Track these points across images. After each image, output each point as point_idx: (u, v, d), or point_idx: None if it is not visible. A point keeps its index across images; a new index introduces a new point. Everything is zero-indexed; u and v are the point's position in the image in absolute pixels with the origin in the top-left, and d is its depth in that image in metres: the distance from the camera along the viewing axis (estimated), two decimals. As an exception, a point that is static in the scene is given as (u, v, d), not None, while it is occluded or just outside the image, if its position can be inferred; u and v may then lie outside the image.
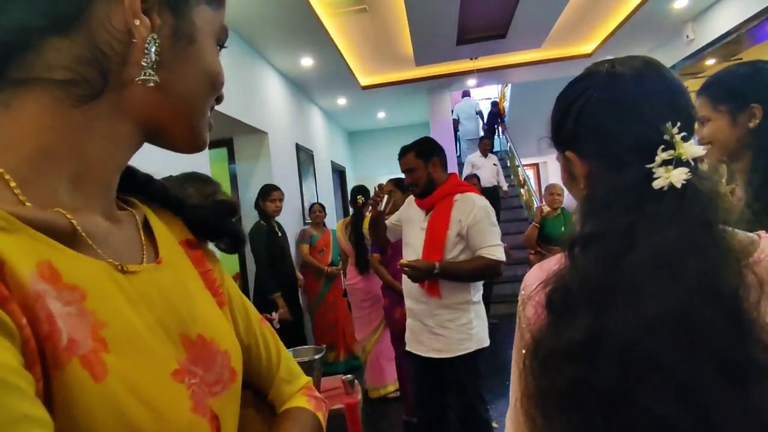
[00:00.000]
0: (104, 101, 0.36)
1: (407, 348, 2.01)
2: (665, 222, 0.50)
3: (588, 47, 5.31)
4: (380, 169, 7.86)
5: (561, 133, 0.65)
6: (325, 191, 5.80)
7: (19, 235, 0.29)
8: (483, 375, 1.97)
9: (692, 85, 5.75)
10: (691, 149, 0.53)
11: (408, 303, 2.02)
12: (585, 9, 4.24)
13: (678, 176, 0.51)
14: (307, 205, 4.80)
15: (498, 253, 1.86)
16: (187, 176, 1.61)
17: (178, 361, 0.37)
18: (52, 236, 0.32)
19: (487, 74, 5.69)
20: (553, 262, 0.59)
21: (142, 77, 0.36)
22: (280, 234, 3.40)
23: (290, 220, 4.34)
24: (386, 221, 2.25)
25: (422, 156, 1.99)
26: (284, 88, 4.67)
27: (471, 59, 5.15)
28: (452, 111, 7.18)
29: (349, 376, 2.02)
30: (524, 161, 9.13)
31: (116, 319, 0.33)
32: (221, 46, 0.44)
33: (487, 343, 1.95)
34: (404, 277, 1.97)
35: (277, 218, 3.43)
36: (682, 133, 0.53)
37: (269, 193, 3.32)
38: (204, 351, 0.40)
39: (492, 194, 5.69)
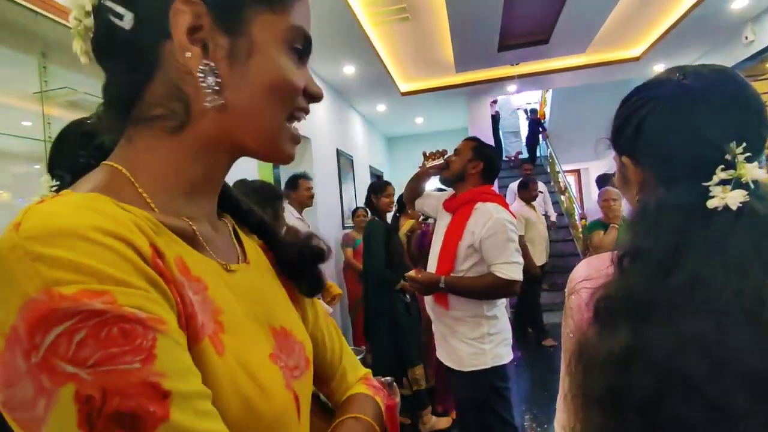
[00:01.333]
0: (192, 128, 0.40)
1: (437, 353, 1.95)
2: (713, 245, 0.50)
3: (636, 51, 5.14)
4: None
5: (620, 138, 0.65)
6: (363, 196, 5.89)
7: (163, 236, 0.36)
8: (505, 396, 1.79)
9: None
10: (753, 171, 0.51)
11: (429, 306, 1.96)
12: (633, 11, 4.11)
13: (734, 198, 0.50)
14: (346, 210, 4.90)
15: (510, 272, 1.70)
16: (256, 190, 1.75)
17: (272, 346, 0.43)
18: (181, 238, 0.39)
19: (528, 80, 5.61)
20: (600, 261, 0.61)
21: (207, 102, 0.39)
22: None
23: (330, 224, 4.45)
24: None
25: (475, 151, 1.88)
26: (327, 95, 4.80)
27: (512, 65, 5.10)
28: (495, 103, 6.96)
29: (388, 378, 2.05)
30: (565, 167, 8.90)
31: (228, 308, 0.39)
32: (299, 48, 0.43)
33: (506, 360, 1.80)
34: None
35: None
36: (747, 154, 0.51)
37: (383, 188, 3.22)
38: (286, 340, 0.46)
39: None
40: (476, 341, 1.77)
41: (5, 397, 0.27)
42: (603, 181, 5.64)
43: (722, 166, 0.52)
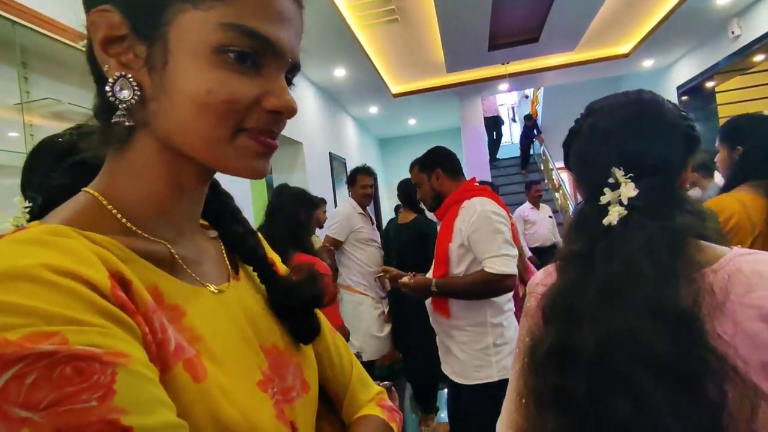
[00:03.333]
0: (135, 147, 0.38)
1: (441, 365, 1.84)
2: (612, 254, 0.58)
3: (625, 47, 5.17)
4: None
5: (565, 160, 0.76)
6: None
7: (134, 264, 0.34)
8: None
9: (740, 82, 5.44)
10: (628, 190, 0.59)
11: (431, 320, 1.83)
12: (621, 9, 4.13)
13: (614, 214, 0.59)
14: (340, 213, 4.87)
15: (498, 265, 1.56)
16: (294, 195, 1.91)
17: (262, 370, 0.40)
18: (156, 264, 0.36)
19: (519, 79, 5.63)
20: (554, 266, 0.68)
21: (114, 118, 0.35)
22: None
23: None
24: None
25: (425, 169, 1.84)
26: (318, 98, 4.78)
27: (503, 64, 5.11)
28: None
29: (386, 383, 2.01)
30: (558, 164, 8.93)
31: (211, 334, 0.37)
32: (244, 51, 0.35)
33: (503, 375, 1.65)
34: None
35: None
36: (629, 174, 0.60)
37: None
38: (278, 360, 0.43)
39: (549, 255, 4.49)
40: (481, 352, 1.64)
41: None
42: None
43: (607, 188, 0.61)
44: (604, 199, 0.60)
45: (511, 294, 1.72)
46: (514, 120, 10.70)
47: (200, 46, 0.34)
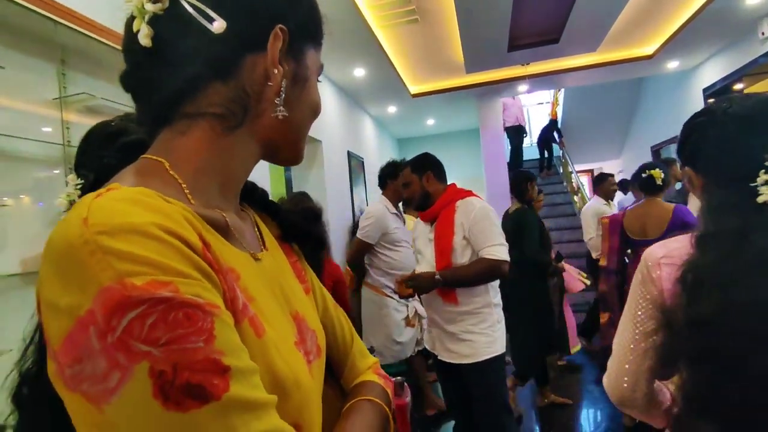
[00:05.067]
0: (243, 130, 0.45)
1: (439, 357, 2.02)
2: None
3: (649, 48, 5.08)
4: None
5: (682, 153, 0.86)
6: (375, 198, 5.92)
7: (206, 231, 0.39)
8: (506, 384, 1.99)
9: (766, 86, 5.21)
10: None
11: (429, 313, 2.04)
12: (645, 8, 4.07)
13: None
14: (357, 212, 4.92)
15: (499, 253, 1.84)
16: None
17: (294, 333, 0.46)
18: (215, 229, 0.42)
19: (539, 80, 5.59)
20: (676, 243, 0.79)
21: (275, 112, 0.45)
22: None
23: (341, 227, 4.48)
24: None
25: (416, 170, 2.07)
26: (337, 97, 4.85)
27: (522, 65, 5.08)
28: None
29: (399, 378, 2.07)
30: (578, 167, 8.82)
31: (259, 296, 0.42)
32: (318, 80, 0.53)
33: (504, 348, 1.96)
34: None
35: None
36: None
37: (534, 179, 3.29)
38: (301, 325, 0.49)
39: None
40: (489, 329, 1.91)
41: (73, 372, 0.30)
42: (623, 186, 5.53)
43: (764, 170, 0.69)
44: (761, 179, 0.68)
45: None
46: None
47: (316, 72, 0.51)
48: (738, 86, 5.13)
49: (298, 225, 0.59)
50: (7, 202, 1.43)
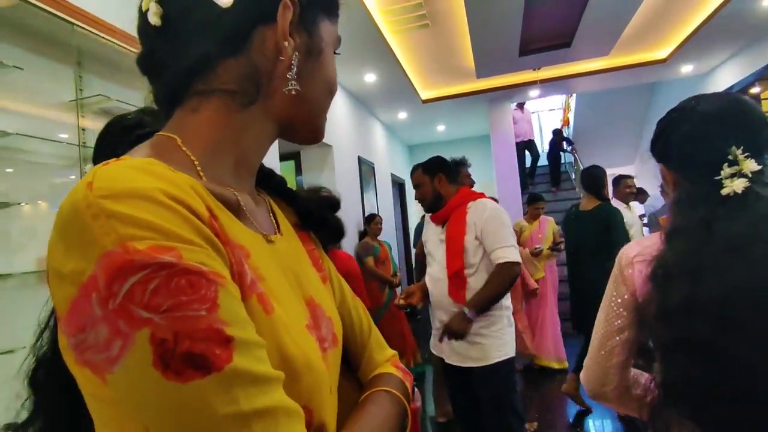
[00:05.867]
0: (256, 106, 0.44)
1: (446, 360, 1.99)
2: (733, 218, 0.68)
3: (662, 53, 5.04)
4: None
5: (655, 150, 0.88)
6: (385, 203, 5.92)
7: (215, 205, 0.38)
8: (516, 390, 1.94)
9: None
10: (751, 165, 0.71)
11: (439, 315, 2.01)
12: (659, 11, 4.04)
13: (738, 184, 0.70)
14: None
15: (510, 255, 1.85)
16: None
17: (306, 317, 0.44)
18: (226, 207, 0.41)
19: (550, 84, 5.56)
20: (648, 241, 0.82)
21: (288, 87, 0.44)
22: None
23: (351, 231, 4.48)
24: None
25: (428, 172, 2.07)
26: (348, 103, 4.87)
27: (534, 70, 5.07)
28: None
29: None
30: (591, 174, 8.70)
31: (270, 276, 0.41)
32: (335, 53, 0.51)
33: (514, 352, 1.93)
34: (430, 286, 2.03)
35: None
36: (746, 154, 0.72)
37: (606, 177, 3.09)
38: (315, 311, 0.47)
39: None
40: (499, 332, 1.89)
41: (77, 341, 0.29)
42: (642, 192, 5.39)
43: (727, 163, 0.72)
44: (724, 173, 0.72)
45: None
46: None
47: (331, 46, 0.49)
48: (754, 90, 5.05)
49: (315, 213, 0.57)
50: (24, 202, 1.45)
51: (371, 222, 4.32)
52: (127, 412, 0.29)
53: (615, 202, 3.91)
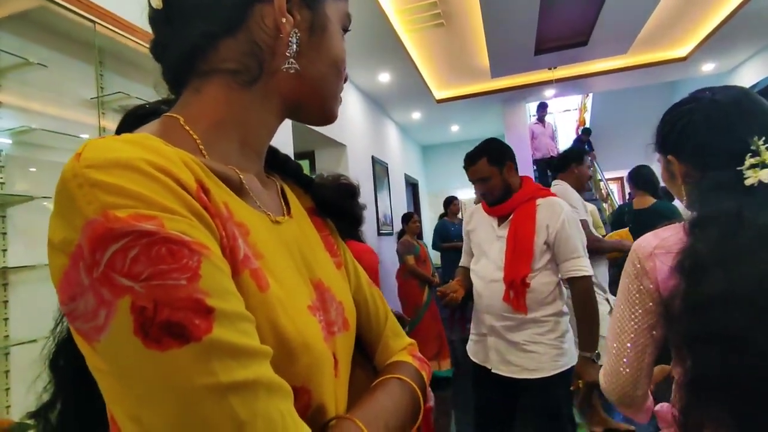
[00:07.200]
0: (259, 85, 0.44)
1: (493, 370, 1.74)
2: (762, 208, 0.68)
3: (682, 51, 4.94)
4: (453, 182, 7.84)
5: (666, 141, 0.86)
6: (398, 203, 5.91)
7: (210, 180, 0.38)
8: (572, 404, 1.69)
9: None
10: None
11: (488, 319, 1.73)
12: (678, 8, 3.96)
13: (764, 175, 0.69)
14: (381, 217, 4.92)
15: (586, 266, 1.63)
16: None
17: (311, 298, 0.44)
18: (227, 185, 0.40)
19: (566, 84, 5.50)
20: (666, 232, 0.79)
21: (286, 66, 0.43)
22: None
23: (364, 230, 4.48)
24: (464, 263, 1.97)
25: (496, 162, 1.75)
26: (362, 103, 4.89)
27: (549, 69, 5.02)
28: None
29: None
30: (608, 175, 8.58)
31: (270, 255, 0.41)
32: (345, 30, 0.50)
33: (576, 360, 1.66)
34: (479, 286, 1.78)
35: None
36: (767, 144, 0.71)
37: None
38: (324, 295, 0.47)
39: None
40: (558, 340, 1.65)
41: (69, 310, 0.30)
42: (666, 192, 5.25)
43: (750, 154, 0.71)
44: (747, 163, 0.71)
45: None
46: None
47: (339, 23, 0.48)
48: (779, 88, 4.92)
49: (331, 199, 0.57)
50: (46, 196, 1.49)
51: (409, 221, 4.22)
52: (118, 382, 0.29)
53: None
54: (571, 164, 2.77)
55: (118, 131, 0.67)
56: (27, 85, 1.46)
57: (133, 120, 0.63)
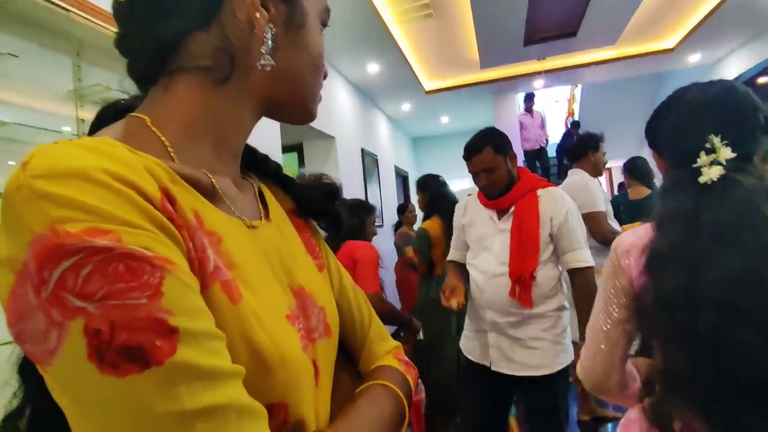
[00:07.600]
0: (233, 83, 0.41)
1: (493, 368, 1.67)
2: (715, 207, 0.69)
3: (669, 42, 4.96)
4: (443, 174, 7.80)
5: (648, 137, 0.89)
6: (388, 196, 5.89)
7: (178, 186, 0.36)
8: (568, 402, 1.70)
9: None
10: (725, 152, 0.71)
11: (490, 315, 1.66)
12: (666, 1, 3.97)
13: (713, 172, 0.71)
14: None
15: (589, 258, 1.58)
16: (351, 207, 2.09)
17: (289, 307, 0.42)
18: (198, 190, 0.38)
19: (556, 75, 5.50)
20: (643, 230, 0.80)
21: (261, 62, 0.41)
22: None
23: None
24: (453, 258, 1.89)
25: (501, 150, 1.65)
26: (351, 94, 4.83)
27: (539, 60, 5.01)
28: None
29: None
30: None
31: (245, 263, 0.38)
32: (324, 25, 0.48)
33: (573, 356, 1.63)
34: (480, 281, 1.69)
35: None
36: (725, 141, 0.72)
37: None
38: (304, 301, 0.45)
39: None
40: (560, 337, 1.61)
41: (17, 331, 0.27)
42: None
43: (704, 151, 0.73)
44: (700, 161, 0.72)
45: None
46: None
47: (317, 18, 0.46)
48: (763, 79, 4.97)
49: (313, 200, 0.55)
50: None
51: (405, 211, 4.09)
52: (74, 406, 0.27)
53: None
54: (587, 151, 2.66)
55: (93, 130, 0.64)
56: (0, 76, 1.41)
57: (110, 114, 0.60)
